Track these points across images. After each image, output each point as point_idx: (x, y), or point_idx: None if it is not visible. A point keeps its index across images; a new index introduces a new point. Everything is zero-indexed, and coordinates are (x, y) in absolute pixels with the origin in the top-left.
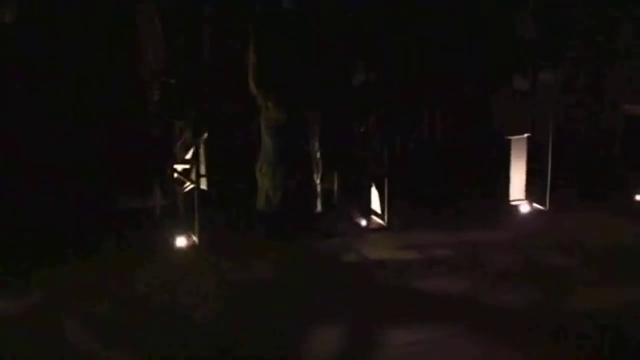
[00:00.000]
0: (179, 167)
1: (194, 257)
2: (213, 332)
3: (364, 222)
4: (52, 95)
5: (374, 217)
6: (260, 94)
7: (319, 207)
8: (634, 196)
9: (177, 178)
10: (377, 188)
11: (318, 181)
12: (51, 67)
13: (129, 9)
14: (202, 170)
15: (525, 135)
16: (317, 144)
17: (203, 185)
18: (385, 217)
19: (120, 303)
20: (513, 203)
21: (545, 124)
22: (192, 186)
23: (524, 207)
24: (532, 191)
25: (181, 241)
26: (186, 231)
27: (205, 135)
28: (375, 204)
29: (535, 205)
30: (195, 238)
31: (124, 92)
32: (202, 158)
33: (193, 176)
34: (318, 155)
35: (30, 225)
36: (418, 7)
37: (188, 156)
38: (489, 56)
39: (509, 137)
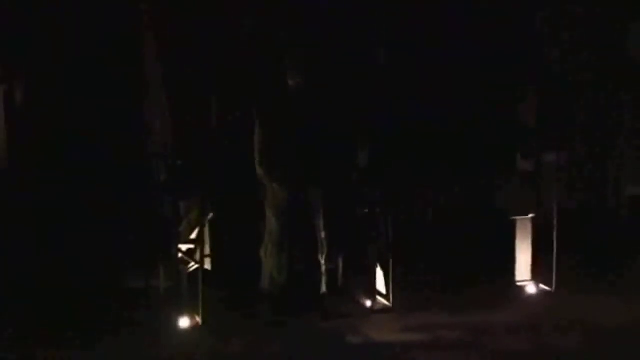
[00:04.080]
0: (184, 247)
1: (198, 337)
2: None
3: (368, 303)
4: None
5: (379, 298)
6: (266, 175)
7: (323, 288)
8: None
9: (181, 258)
10: (382, 269)
11: (323, 262)
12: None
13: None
14: (207, 251)
15: (530, 215)
16: (321, 225)
17: (207, 266)
18: (390, 297)
19: None
20: (519, 284)
21: (549, 204)
22: (196, 266)
23: (530, 288)
24: (538, 272)
25: (185, 322)
26: (190, 312)
27: (211, 215)
28: (380, 284)
29: (542, 286)
30: (198, 319)
31: (130, 171)
32: (206, 238)
33: (197, 256)
34: (323, 235)
35: (34, 305)
36: (423, 88)
37: (193, 236)
38: (492, 138)
39: (514, 218)
